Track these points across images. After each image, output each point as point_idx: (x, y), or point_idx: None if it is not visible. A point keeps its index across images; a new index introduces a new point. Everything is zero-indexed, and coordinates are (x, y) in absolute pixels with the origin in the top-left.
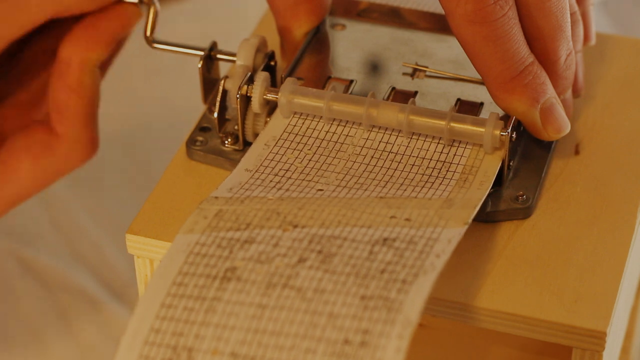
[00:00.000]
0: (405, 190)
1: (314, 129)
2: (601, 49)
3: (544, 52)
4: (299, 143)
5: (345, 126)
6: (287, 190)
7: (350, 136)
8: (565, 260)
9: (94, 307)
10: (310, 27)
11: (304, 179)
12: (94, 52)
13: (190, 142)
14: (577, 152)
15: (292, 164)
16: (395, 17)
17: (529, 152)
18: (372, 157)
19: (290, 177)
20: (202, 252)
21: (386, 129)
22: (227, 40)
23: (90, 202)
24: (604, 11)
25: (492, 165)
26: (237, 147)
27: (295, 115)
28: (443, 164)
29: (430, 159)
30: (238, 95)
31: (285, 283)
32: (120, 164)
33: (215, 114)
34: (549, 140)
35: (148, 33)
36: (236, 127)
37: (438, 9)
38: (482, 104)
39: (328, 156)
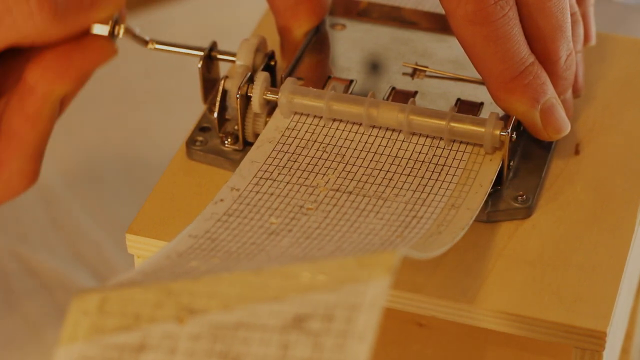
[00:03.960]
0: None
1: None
2: (601, 49)
3: (544, 53)
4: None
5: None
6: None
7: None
8: (565, 260)
9: None
10: (310, 27)
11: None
12: (61, 85)
13: (190, 142)
14: (577, 152)
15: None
16: (395, 17)
17: (529, 152)
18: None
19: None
20: None
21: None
22: (227, 40)
23: (90, 202)
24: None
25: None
26: (237, 147)
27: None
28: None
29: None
30: (238, 95)
31: None
32: (120, 164)
33: (215, 114)
34: (549, 141)
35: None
36: (236, 127)
37: (438, 9)
38: (482, 104)
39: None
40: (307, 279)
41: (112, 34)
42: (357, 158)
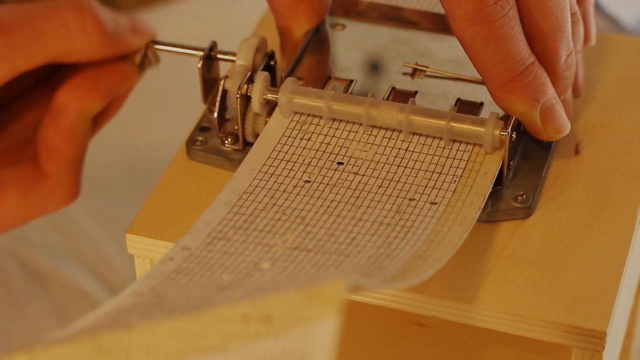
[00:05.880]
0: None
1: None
2: (601, 49)
3: (544, 53)
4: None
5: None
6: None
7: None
8: (565, 260)
9: (93, 307)
10: (310, 27)
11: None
12: (90, 103)
13: (190, 142)
14: (577, 152)
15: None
16: (395, 17)
17: (529, 152)
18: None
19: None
20: None
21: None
22: (227, 40)
23: (90, 202)
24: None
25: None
26: (237, 147)
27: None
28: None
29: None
30: (238, 95)
31: None
32: (120, 164)
33: (215, 114)
34: (549, 141)
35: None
36: (236, 127)
37: (438, 9)
38: (482, 104)
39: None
40: (251, 322)
41: (141, 64)
42: (319, 220)
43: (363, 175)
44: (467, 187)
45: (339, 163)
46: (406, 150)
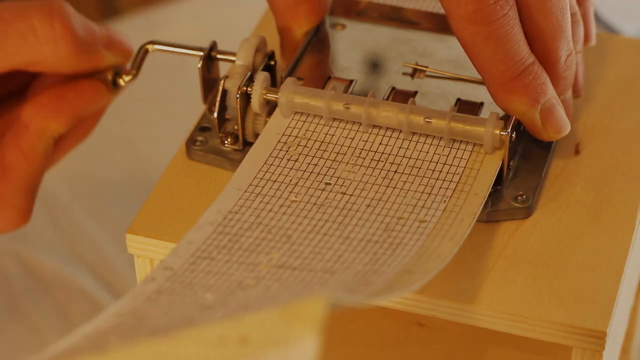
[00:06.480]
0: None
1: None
2: (601, 49)
3: (544, 53)
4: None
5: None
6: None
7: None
8: (565, 260)
9: (93, 307)
10: (311, 27)
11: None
12: (54, 123)
13: (190, 142)
14: (577, 152)
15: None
16: (395, 17)
17: (529, 152)
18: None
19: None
20: None
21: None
22: (227, 40)
23: (90, 202)
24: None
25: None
26: (237, 147)
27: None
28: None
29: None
30: (238, 95)
31: None
32: (120, 164)
33: (215, 114)
34: (549, 141)
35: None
36: (236, 127)
37: (438, 9)
38: (482, 104)
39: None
40: (229, 344)
41: (113, 82)
42: (305, 238)
43: (351, 195)
44: (458, 206)
45: (327, 183)
46: (395, 172)
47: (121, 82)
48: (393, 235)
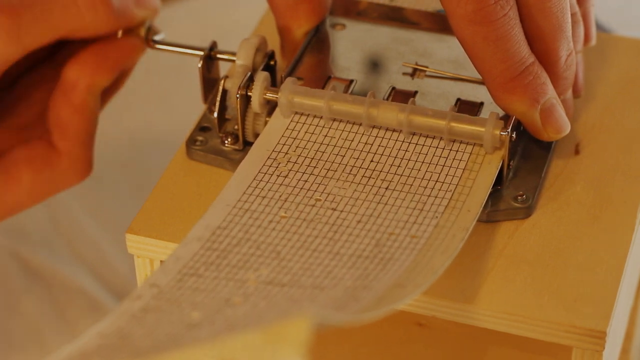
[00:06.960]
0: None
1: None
2: (601, 49)
3: (544, 53)
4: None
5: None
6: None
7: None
8: (565, 260)
9: (93, 307)
10: (311, 27)
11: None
12: (100, 77)
13: (190, 141)
14: (577, 152)
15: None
16: (395, 17)
17: (529, 152)
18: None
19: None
20: None
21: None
22: (227, 40)
23: (90, 202)
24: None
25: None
26: (237, 147)
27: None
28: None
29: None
30: (238, 95)
31: None
32: (120, 164)
33: (215, 114)
34: (549, 141)
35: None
36: (236, 127)
37: (437, 9)
38: (482, 104)
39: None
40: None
41: (146, 37)
42: (294, 254)
43: (341, 211)
44: (450, 222)
45: (317, 199)
46: (386, 188)
47: (155, 37)
48: (384, 250)
